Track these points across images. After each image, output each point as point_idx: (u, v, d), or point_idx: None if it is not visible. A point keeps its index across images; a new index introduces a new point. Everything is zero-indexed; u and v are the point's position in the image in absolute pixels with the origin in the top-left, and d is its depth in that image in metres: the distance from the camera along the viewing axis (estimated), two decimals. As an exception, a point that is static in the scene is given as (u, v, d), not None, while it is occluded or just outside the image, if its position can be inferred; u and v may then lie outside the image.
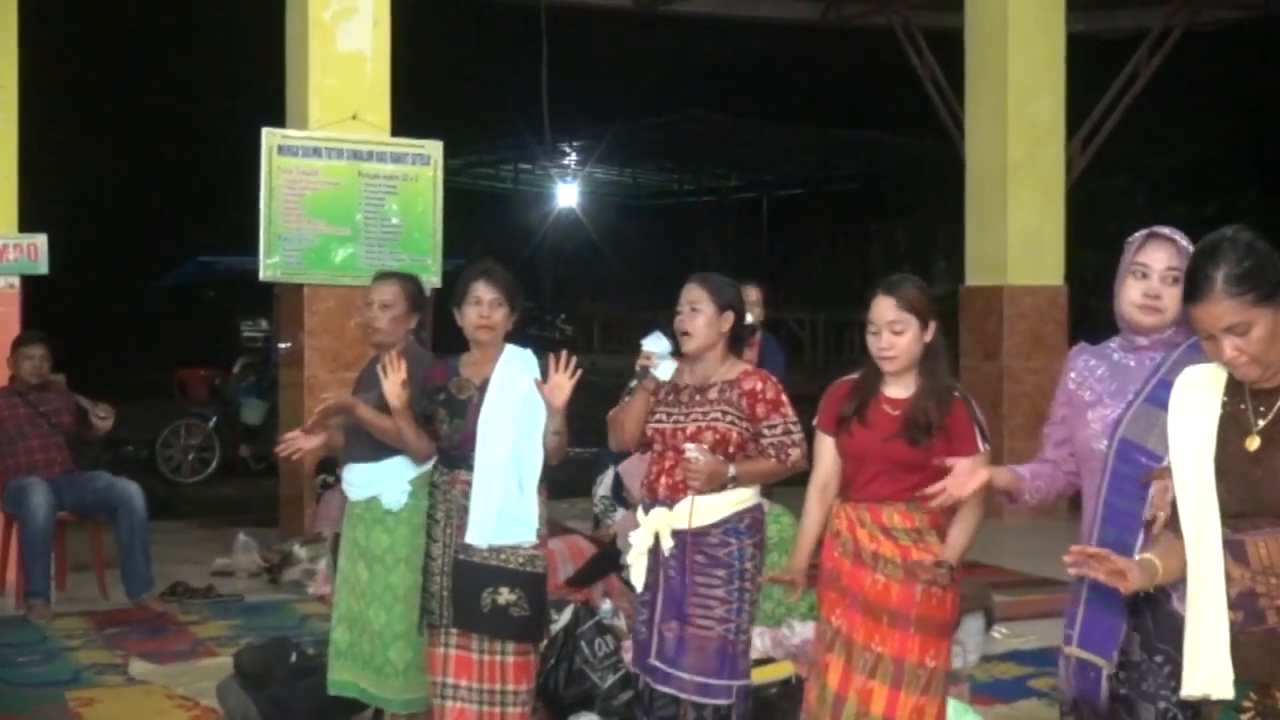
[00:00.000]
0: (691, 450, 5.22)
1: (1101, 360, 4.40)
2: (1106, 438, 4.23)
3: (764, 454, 5.32)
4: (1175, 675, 4.04)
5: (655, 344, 5.41)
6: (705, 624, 5.28)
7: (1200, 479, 3.41)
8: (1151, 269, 4.28)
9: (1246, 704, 3.38)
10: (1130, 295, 4.30)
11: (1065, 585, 8.42)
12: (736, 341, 5.49)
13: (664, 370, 5.39)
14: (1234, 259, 3.30)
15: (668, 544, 5.34)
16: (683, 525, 5.30)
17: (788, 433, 5.31)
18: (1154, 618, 4.12)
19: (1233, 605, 3.34)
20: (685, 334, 5.37)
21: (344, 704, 6.22)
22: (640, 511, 5.52)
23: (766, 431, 5.30)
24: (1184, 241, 4.25)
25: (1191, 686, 3.41)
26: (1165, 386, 4.12)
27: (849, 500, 4.97)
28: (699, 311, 5.36)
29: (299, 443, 6.22)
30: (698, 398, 5.37)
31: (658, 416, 5.42)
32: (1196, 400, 3.48)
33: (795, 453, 5.31)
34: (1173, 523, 3.51)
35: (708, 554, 5.29)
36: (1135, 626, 4.14)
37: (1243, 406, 3.40)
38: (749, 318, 5.47)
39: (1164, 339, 4.26)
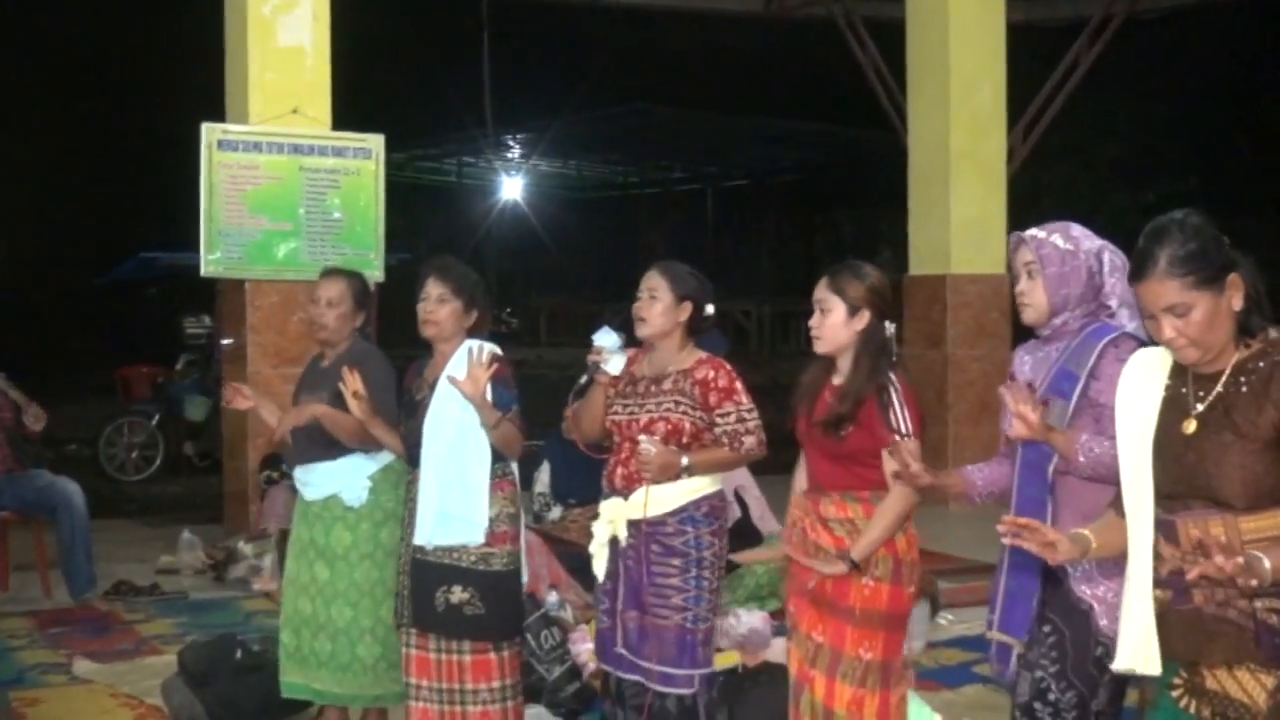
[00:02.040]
0: (643, 442, 5.22)
1: (1029, 353, 4.51)
2: None
3: (718, 443, 5.32)
4: (1058, 648, 4.12)
5: (605, 338, 5.41)
6: (663, 613, 5.27)
7: (1139, 459, 3.45)
8: (1017, 269, 4.40)
9: (1177, 681, 3.43)
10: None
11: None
12: (695, 332, 5.48)
13: (614, 364, 5.39)
14: (1179, 240, 3.33)
15: (623, 534, 5.34)
16: (638, 515, 5.29)
17: (741, 420, 5.28)
18: (1048, 591, 4.20)
19: (1163, 584, 3.39)
20: (641, 320, 5.36)
21: (289, 700, 6.19)
22: (601, 502, 5.52)
23: (720, 420, 5.28)
24: (1041, 233, 4.37)
25: (1121, 661, 3.47)
26: (1066, 376, 4.21)
27: (803, 492, 4.99)
28: (656, 299, 5.35)
29: (238, 401, 6.18)
30: (653, 388, 5.36)
31: (615, 409, 5.42)
32: (1142, 381, 3.52)
33: (750, 440, 5.28)
34: (1116, 500, 3.54)
35: (664, 543, 5.28)
36: (1044, 598, 4.21)
37: (1184, 390, 3.43)
38: (709, 309, 5.45)
39: (1064, 328, 4.33)
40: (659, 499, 5.26)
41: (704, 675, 5.32)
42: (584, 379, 5.54)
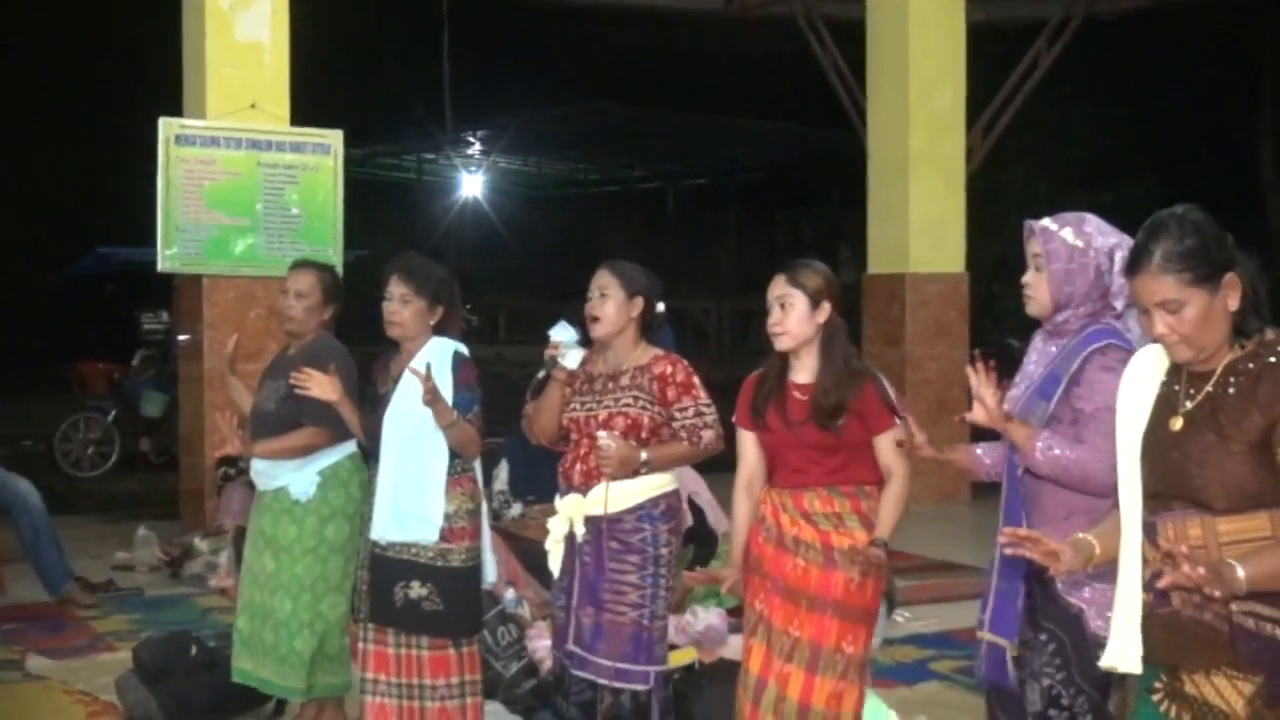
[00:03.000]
0: (603, 437, 5.22)
1: (1039, 346, 4.43)
2: None
3: (676, 437, 5.32)
4: (1060, 654, 4.11)
5: (562, 333, 5.42)
6: (619, 610, 5.27)
7: (1130, 458, 3.45)
8: (1027, 259, 4.34)
9: (1158, 685, 3.41)
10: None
11: (966, 570, 8.54)
12: (648, 328, 5.49)
13: (572, 359, 5.40)
14: (1176, 236, 3.31)
15: (580, 530, 5.34)
16: (597, 511, 5.29)
17: (699, 415, 5.30)
18: (1040, 599, 4.19)
19: (1145, 586, 3.38)
20: (594, 319, 5.37)
21: (244, 696, 6.19)
22: (557, 498, 5.52)
23: (678, 415, 5.30)
24: (1053, 225, 4.30)
25: (1107, 658, 3.48)
26: (1053, 379, 4.19)
27: (773, 487, 5.01)
28: (608, 297, 5.36)
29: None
30: (610, 385, 5.36)
31: (573, 406, 5.42)
32: (1141, 378, 3.51)
33: (708, 435, 5.30)
34: (1118, 502, 3.54)
35: (622, 540, 5.28)
36: (1027, 607, 4.20)
37: (1176, 388, 3.42)
38: (659, 307, 5.46)
39: (1067, 326, 4.28)
40: (618, 495, 5.26)
41: (659, 673, 5.33)
42: (541, 374, 5.54)
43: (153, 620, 8.47)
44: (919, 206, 13.03)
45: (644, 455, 5.23)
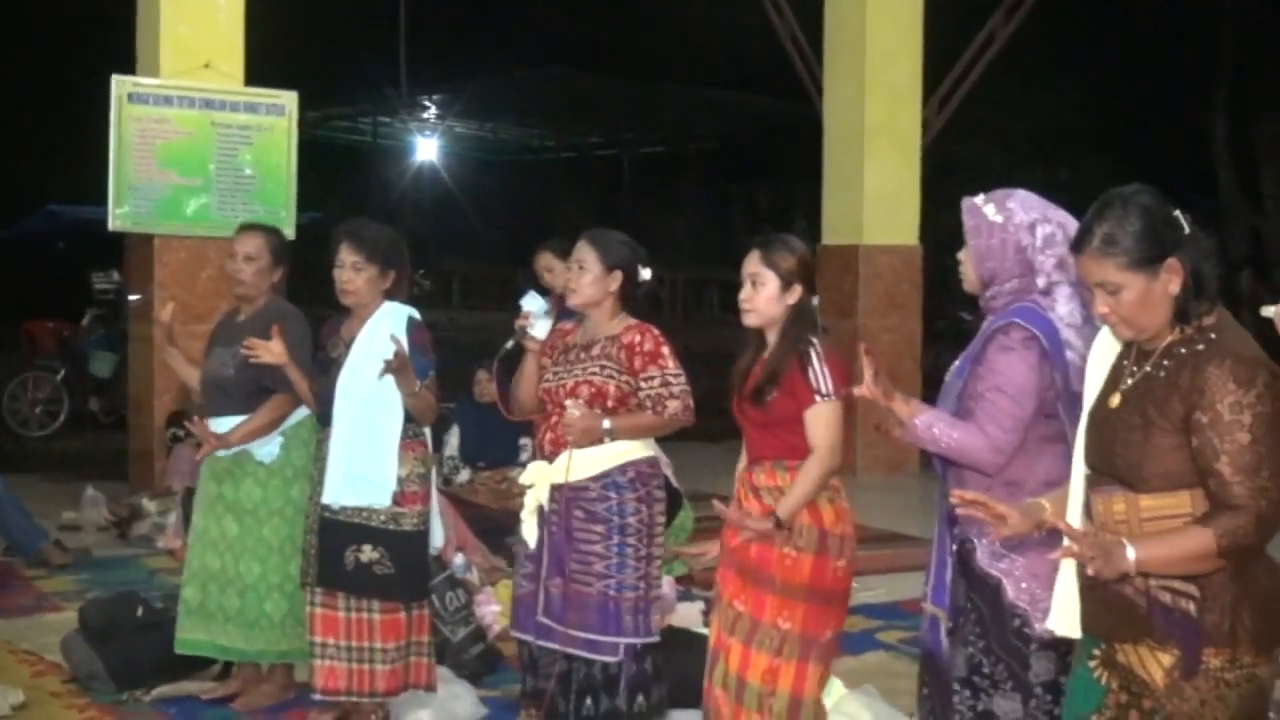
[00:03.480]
0: (569, 406, 5.22)
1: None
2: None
3: (642, 406, 5.31)
4: (980, 623, 4.14)
5: (531, 303, 5.42)
6: (585, 580, 5.26)
7: (1080, 429, 3.50)
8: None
9: (1096, 652, 3.47)
10: None
11: (914, 541, 8.56)
12: (630, 298, 5.47)
13: (540, 329, 5.40)
14: (1119, 219, 3.31)
15: (544, 498, 5.34)
16: (560, 479, 5.29)
17: (665, 385, 5.28)
18: (963, 565, 4.21)
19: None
20: (571, 291, 5.37)
21: (190, 657, 6.17)
22: (527, 465, 5.54)
23: (644, 384, 5.28)
24: (979, 201, 4.29)
25: (1050, 621, 3.56)
26: (967, 359, 4.22)
27: (744, 466, 5.02)
28: (585, 270, 5.34)
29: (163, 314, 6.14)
30: (582, 355, 5.36)
31: (546, 377, 5.42)
32: (1102, 351, 3.54)
33: (674, 405, 5.28)
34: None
35: (586, 509, 5.27)
36: (960, 574, 4.23)
37: (1125, 363, 3.45)
38: (644, 274, 5.44)
39: (994, 303, 4.27)
40: (581, 463, 5.26)
41: (630, 645, 5.32)
42: (510, 344, 5.53)
43: (100, 581, 8.43)
44: (874, 178, 13.06)
45: (606, 424, 5.23)
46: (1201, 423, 3.22)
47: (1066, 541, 3.24)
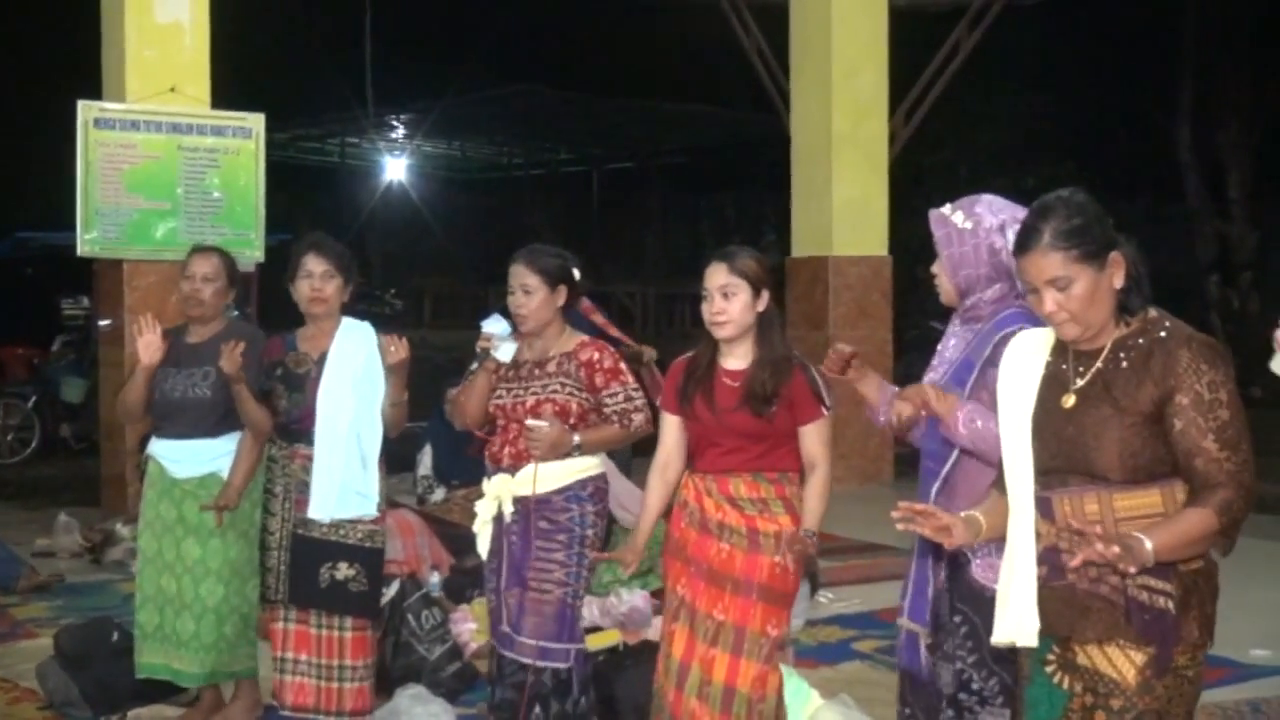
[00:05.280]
0: (534, 422, 5.25)
1: (955, 333, 4.42)
2: None
3: (608, 421, 5.36)
4: (972, 637, 4.13)
5: (494, 325, 5.42)
6: (545, 587, 5.32)
7: (1019, 436, 3.51)
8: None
9: (1050, 656, 3.50)
10: None
11: (889, 550, 8.58)
12: (570, 305, 5.53)
13: (504, 352, 5.40)
14: (1064, 215, 3.39)
15: (509, 510, 5.37)
16: (526, 492, 5.32)
17: (629, 399, 5.36)
18: (955, 581, 4.22)
19: (1039, 560, 3.45)
20: (522, 317, 5.38)
21: (166, 681, 6.15)
22: (484, 481, 5.54)
23: (609, 400, 5.35)
24: (946, 211, 4.32)
25: (1000, 634, 3.52)
26: (967, 366, 4.21)
27: (696, 471, 5.03)
28: (532, 294, 5.36)
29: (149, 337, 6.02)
30: (536, 371, 5.40)
31: (499, 393, 5.45)
32: (1023, 361, 3.59)
33: (638, 418, 5.36)
34: (999, 480, 3.60)
35: (550, 519, 5.33)
36: (946, 589, 4.23)
37: (1064, 366, 3.50)
38: (577, 275, 5.48)
39: (977, 310, 4.28)
40: (547, 476, 5.30)
41: (579, 650, 5.38)
42: (474, 366, 5.54)
43: (74, 607, 8.40)
44: (842, 189, 13.10)
45: (576, 439, 5.27)
46: (1183, 405, 3.30)
47: (1066, 545, 3.28)
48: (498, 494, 5.43)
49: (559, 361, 5.38)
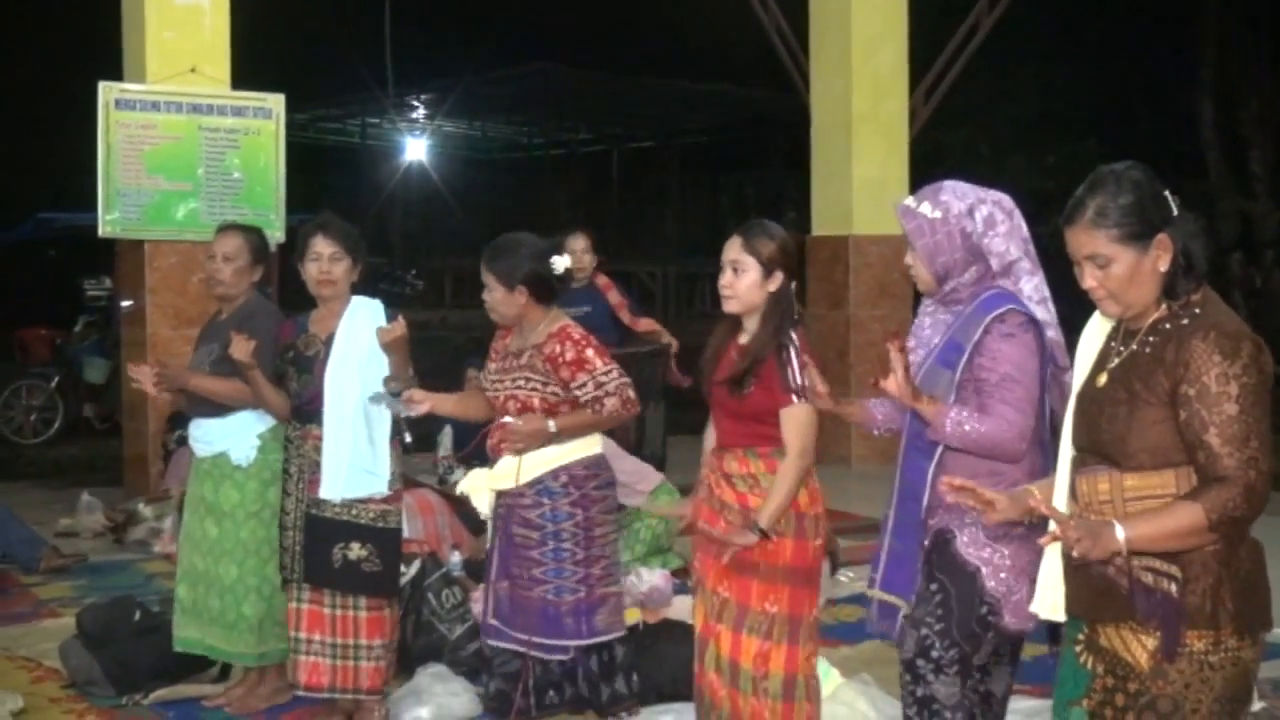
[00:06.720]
0: (509, 419, 5.29)
1: (929, 314, 4.41)
2: None
3: (582, 408, 5.39)
4: (944, 605, 4.15)
5: (379, 395, 5.49)
6: (525, 585, 5.38)
7: (1068, 411, 3.52)
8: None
9: (1080, 637, 3.49)
10: None
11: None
12: (551, 295, 5.53)
13: (397, 409, 5.49)
14: (1112, 192, 3.33)
15: (487, 503, 5.42)
16: (510, 484, 5.40)
17: (598, 386, 5.37)
18: (938, 552, 4.22)
19: None
20: (490, 310, 5.45)
21: (188, 660, 6.19)
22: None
23: (579, 392, 5.37)
24: (912, 203, 4.31)
25: (1035, 605, 3.61)
26: (954, 347, 4.20)
27: (715, 447, 5.01)
28: (491, 291, 5.46)
29: (144, 382, 6.08)
30: (514, 363, 5.47)
31: (488, 386, 5.53)
32: (1093, 335, 3.56)
33: (611, 402, 5.36)
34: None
35: (522, 516, 5.38)
36: (926, 559, 4.24)
37: (1113, 344, 3.46)
38: (557, 267, 5.45)
39: (957, 294, 4.27)
40: (530, 466, 5.37)
41: (579, 648, 5.38)
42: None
43: (96, 586, 8.44)
44: (862, 168, 13.06)
45: (551, 426, 5.29)
46: (1189, 395, 3.23)
47: (1053, 526, 3.26)
48: (476, 487, 5.49)
49: (530, 354, 5.43)
